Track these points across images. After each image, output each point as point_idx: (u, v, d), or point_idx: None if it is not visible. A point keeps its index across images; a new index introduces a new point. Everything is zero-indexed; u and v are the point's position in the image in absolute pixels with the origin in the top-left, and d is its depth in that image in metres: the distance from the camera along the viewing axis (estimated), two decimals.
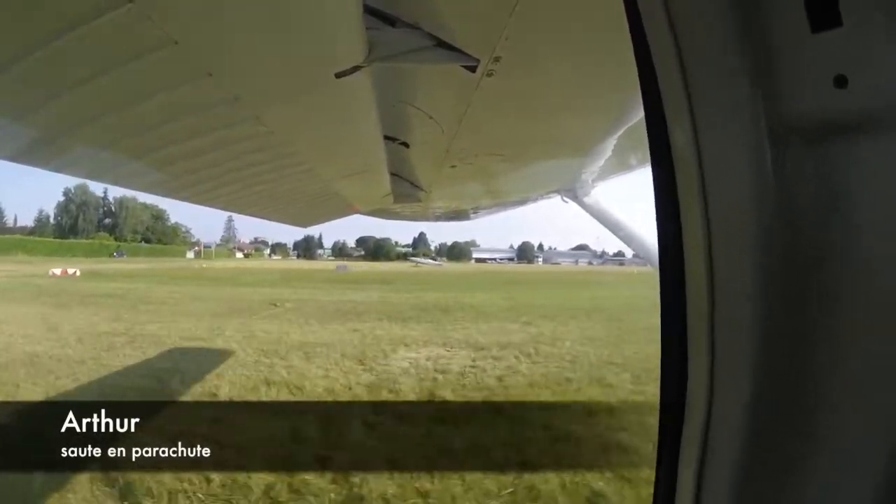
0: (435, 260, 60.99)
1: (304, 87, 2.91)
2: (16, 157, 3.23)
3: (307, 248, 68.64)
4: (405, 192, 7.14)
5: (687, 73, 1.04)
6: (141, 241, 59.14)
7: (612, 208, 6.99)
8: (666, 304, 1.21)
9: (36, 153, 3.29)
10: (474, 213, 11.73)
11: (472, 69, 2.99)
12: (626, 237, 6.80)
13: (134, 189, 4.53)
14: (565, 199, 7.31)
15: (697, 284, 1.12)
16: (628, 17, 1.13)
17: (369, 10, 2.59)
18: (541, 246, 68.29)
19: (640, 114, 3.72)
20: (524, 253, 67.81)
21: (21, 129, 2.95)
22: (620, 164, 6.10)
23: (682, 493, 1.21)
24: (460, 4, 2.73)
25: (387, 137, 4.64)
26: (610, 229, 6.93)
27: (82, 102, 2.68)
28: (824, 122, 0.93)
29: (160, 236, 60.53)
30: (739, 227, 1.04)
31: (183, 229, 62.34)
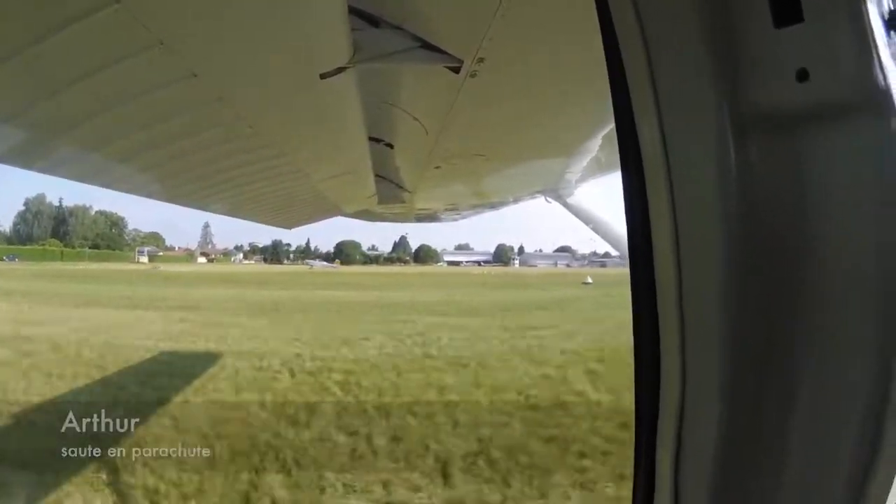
0: (331, 263, 62.76)
1: (288, 88, 2.92)
2: (3, 159, 3.22)
3: (275, 253, 69.76)
4: (390, 194, 7.15)
5: (654, 68, 1.07)
6: (89, 247, 62.61)
7: (595, 208, 7.03)
8: (637, 300, 1.21)
9: (23, 154, 3.27)
10: (459, 214, 11.75)
11: (456, 70, 3.02)
12: (609, 237, 6.84)
13: (122, 191, 4.40)
14: (549, 199, 7.34)
15: (667, 279, 1.13)
16: (599, 15, 1.16)
17: (354, 11, 2.61)
18: (521, 248, 68.18)
19: None
20: (500, 255, 67.90)
21: (7, 129, 2.93)
22: (604, 165, 6.14)
23: (661, 490, 1.23)
24: (444, 6, 2.76)
25: (371, 139, 4.66)
26: (593, 229, 6.96)
27: (69, 103, 2.67)
28: (787, 114, 0.97)
29: (109, 242, 64.15)
30: (707, 221, 1.06)
31: (140, 236, 66.22)
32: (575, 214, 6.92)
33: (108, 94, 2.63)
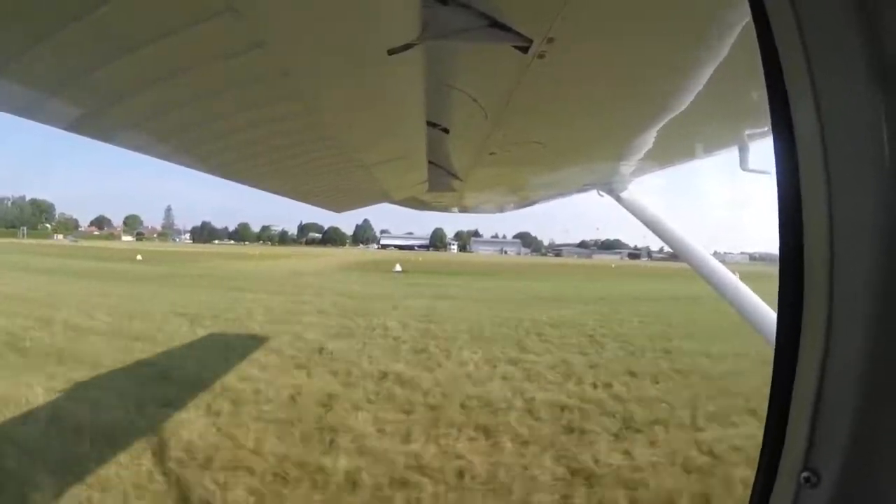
0: (69, 238, 76.92)
1: (355, 64, 2.84)
2: (68, 127, 3.22)
3: (203, 233, 78.69)
4: (440, 181, 7.07)
5: (812, 64, 0.99)
6: (5, 227, 78.13)
7: (649, 204, 6.87)
8: (784, 299, 1.18)
9: (83, 123, 3.27)
10: (503, 207, 11.64)
11: (524, 50, 2.91)
12: (665, 234, 6.67)
13: (173, 162, 4.40)
14: (601, 193, 7.22)
15: (817, 274, 1.08)
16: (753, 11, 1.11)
17: None
18: (476, 232, 69.68)
19: (686, 102, 3.63)
20: (436, 240, 69.30)
21: (63, 95, 2.91)
22: (659, 159, 5.97)
23: (791, 448, 1.16)
24: None
25: (428, 123, 4.58)
26: (647, 226, 6.80)
27: (130, 71, 2.63)
28: None
29: (24, 223, 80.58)
30: (866, 212, 1.00)
31: (64, 219, 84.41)
32: (628, 210, 6.78)
33: (174, 61, 2.59)
